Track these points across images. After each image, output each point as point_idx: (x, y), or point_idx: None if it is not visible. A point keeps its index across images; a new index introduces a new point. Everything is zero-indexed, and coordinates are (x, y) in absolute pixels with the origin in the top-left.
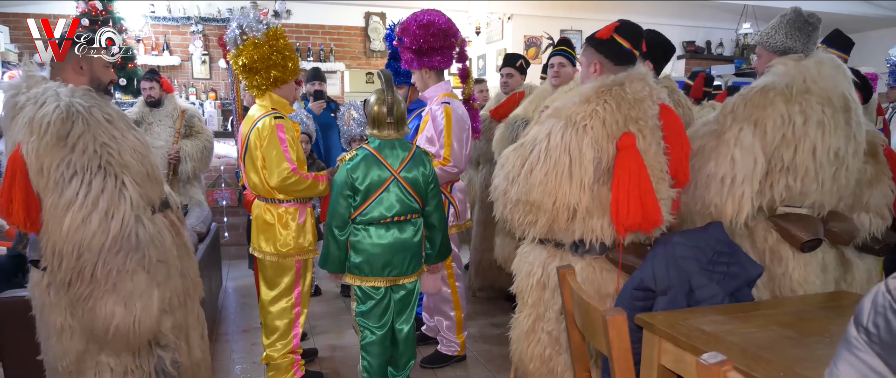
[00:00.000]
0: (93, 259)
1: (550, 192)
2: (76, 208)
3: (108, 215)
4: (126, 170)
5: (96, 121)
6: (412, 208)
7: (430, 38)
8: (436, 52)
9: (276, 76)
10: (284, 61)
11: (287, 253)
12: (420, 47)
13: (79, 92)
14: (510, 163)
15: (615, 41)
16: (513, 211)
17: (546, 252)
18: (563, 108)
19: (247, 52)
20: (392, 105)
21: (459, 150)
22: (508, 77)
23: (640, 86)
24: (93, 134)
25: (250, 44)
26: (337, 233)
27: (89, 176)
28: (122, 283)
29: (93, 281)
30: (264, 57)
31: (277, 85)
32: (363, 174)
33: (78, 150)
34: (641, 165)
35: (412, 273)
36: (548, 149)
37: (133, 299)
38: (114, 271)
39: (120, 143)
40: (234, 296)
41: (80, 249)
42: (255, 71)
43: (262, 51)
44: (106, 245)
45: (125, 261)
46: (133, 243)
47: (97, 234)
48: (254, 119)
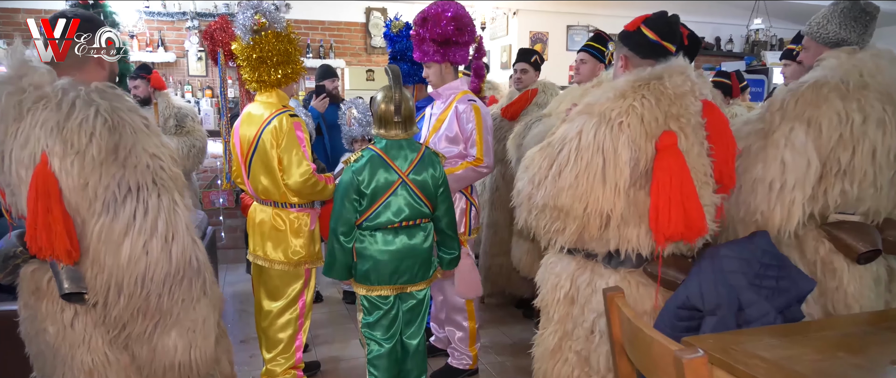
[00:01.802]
0: (157, 290)
1: (581, 197)
2: (135, 234)
3: (169, 239)
4: (175, 184)
5: (140, 128)
6: (421, 213)
7: (458, 31)
8: (459, 47)
9: (287, 73)
10: (296, 56)
11: (300, 261)
12: (448, 39)
13: (107, 92)
14: (536, 164)
15: (642, 33)
16: (538, 217)
17: (575, 263)
18: (595, 104)
19: (268, 43)
20: (400, 103)
21: (490, 147)
22: (522, 73)
23: (680, 79)
24: (142, 145)
25: (272, 35)
26: (342, 239)
27: (145, 195)
28: (187, 313)
29: (158, 314)
30: (283, 51)
31: (286, 82)
32: (369, 177)
33: (130, 164)
34: (684, 167)
35: (422, 281)
36: (578, 149)
37: (195, 329)
38: (179, 301)
39: (164, 152)
40: (231, 302)
41: (144, 281)
42: (268, 65)
43: (282, 44)
44: (170, 273)
45: (191, 288)
46: (195, 268)
47: (161, 262)
48: (263, 118)
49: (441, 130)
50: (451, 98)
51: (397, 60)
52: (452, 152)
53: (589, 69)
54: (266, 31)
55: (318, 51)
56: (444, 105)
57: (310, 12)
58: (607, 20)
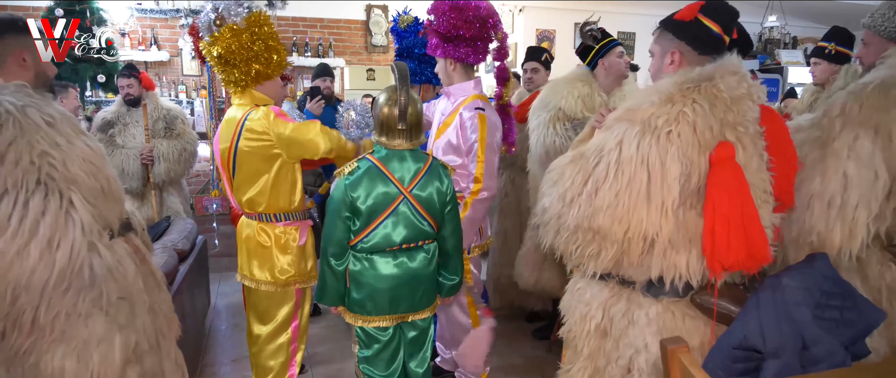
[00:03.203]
0: (34, 301)
1: (622, 219)
2: (9, 237)
3: (53, 244)
4: (74, 185)
5: (32, 124)
6: (424, 234)
7: (463, 23)
8: (465, 43)
9: (258, 70)
10: (268, 53)
11: (287, 280)
12: (448, 32)
13: (8, 88)
14: (567, 178)
15: (701, 23)
16: (569, 240)
17: (607, 290)
18: (636, 109)
19: (223, 40)
20: (406, 107)
21: (492, 166)
22: (533, 73)
23: (735, 80)
24: (28, 141)
25: (228, 30)
26: (333, 262)
27: (25, 195)
28: (74, 329)
29: (35, 329)
30: (244, 47)
31: (259, 81)
32: (365, 192)
33: (8, 161)
34: (743, 184)
35: (425, 308)
36: (619, 162)
37: (89, 349)
38: (62, 315)
39: (65, 151)
40: (224, 315)
41: (17, 290)
42: (233, 64)
43: (241, 39)
44: (50, 282)
45: (76, 301)
46: (86, 279)
47: (38, 269)
48: (237, 120)
49: (444, 137)
50: (458, 101)
51: (404, 58)
52: (453, 164)
53: None
54: (222, 27)
55: (316, 49)
56: (452, 108)
57: (308, 10)
58: (616, 17)
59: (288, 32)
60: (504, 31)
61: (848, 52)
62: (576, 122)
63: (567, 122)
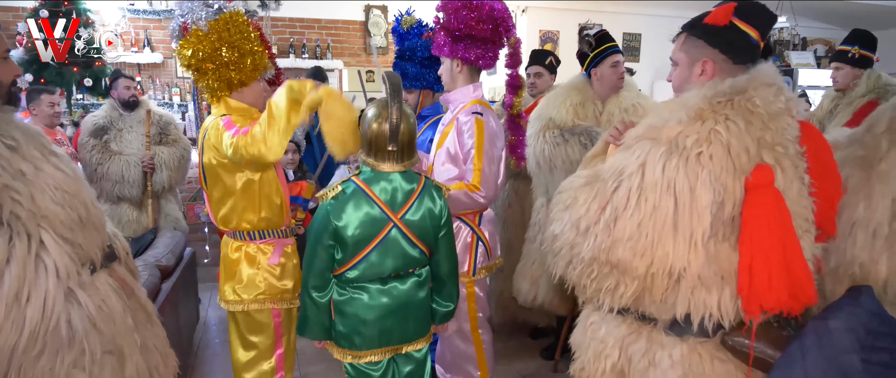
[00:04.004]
0: (1, 369)
1: (644, 252)
2: None
3: (21, 298)
4: (45, 221)
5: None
6: (416, 261)
7: (475, 23)
8: (477, 44)
9: (229, 78)
10: (240, 58)
11: (256, 298)
12: (459, 31)
13: None
14: (582, 204)
15: (737, 28)
16: (584, 273)
17: (625, 327)
18: (662, 127)
19: (188, 46)
20: (397, 125)
21: (491, 175)
22: (536, 77)
23: (772, 94)
24: None
25: (193, 36)
26: (315, 295)
27: None
28: None
29: None
30: (211, 53)
31: (233, 88)
32: (351, 219)
33: None
34: (785, 213)
35: (420, 338)
36: (642, 187)
37: None
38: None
39: (32, 181)
40: (214, 330)
41: None
42: (203, 71)
43: (207, 45)
44: (20, 345)
45: (53, 365)
46: (63, 336)
47: (5, 330)
48: (204, 130)
49: (444, 145)
50: (458, 107)
51: (405, 60)
52: (451, 174)
53: None
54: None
55: (314, 51)
56: (452, 115)
57: (305, 10)
58: (622, 17)
59: (285, 33)
60: (517, 36)
61: (871, 56)
62: (565, 130)
63: (556, 130)
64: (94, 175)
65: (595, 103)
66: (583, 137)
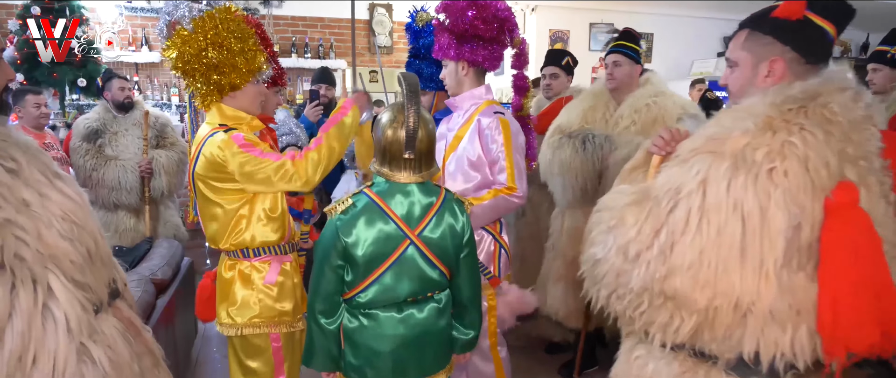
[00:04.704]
0: None
1: (706, 283)
2: None
3: (25, 362)
4: (53, 261)
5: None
6: (435, 284)
7: (481, 23)
8: (483, 45)
9: (219, 81)
10: (230, 58)
11: (250, 321)
12: (464, 31)
13: None
14: (630, 227)
15: (812, 23)
16: (632, 304)
17: (678, 364)
18: (725, 139)
19: (173, 47)
20: (415, 131)
21: (522, 171)
22: (552, 79)
23: (848, 99)
24: None
25: (178, 38)
26: (323, 320)
27: None
28: None
29: None
30: (196, 55)
31: (225, 92)
32: (363, 236)
33: None
34: (874, 239)
35: (440, 370)
36: (703, 209)
37: None
38: None
39: (38, 212)
40: (214, 344)
41: None
42: (192, 75)
43: (192, 46)
44: None
45: None
46: None
47: None
48: (199, 141)
49: (460, 151)
50: (471, 109)
51: (420, 59)
52: (473, 181)
53: (626, 73)
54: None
55: (316, 51)
56: (464, 118)
57: (308, 9)
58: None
59: (287, 32)
60: (522, 36)
61: None
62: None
63: (559, 135)
64: (87, 181)
65: (608, 106)
66: (577, 141)
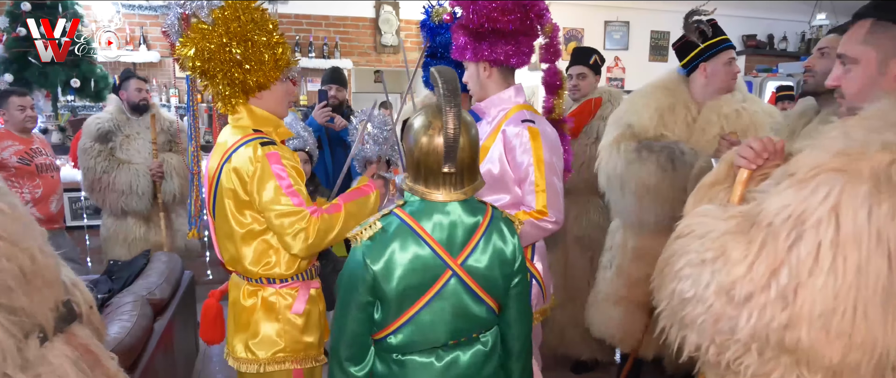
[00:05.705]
0: None
1: (841, 334)
2: None
3: None
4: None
5: None
6: (481, 323)
7: (499, 14)
8: (504, 39)
9: (242, 79)
10: (256, 53)
11: (274, 356)
12: (481, 27)
13: None
14: (737, 263)
15: None
16: (739, 353)
17: None
18: (856, 154)
19: (190, 44)
20: (455, 138)
21: (558, 194)
22: (580, 78)
23: None
24: None
25: (197, 33)
26: (352, 369)
27: None
28: None
29: None
30: (218, 50)
31: (251, 93)
32: (394, 266)
33: None
34: None
35: None
36: (837, 243)
37: None
38: None
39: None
40: (216, 363)
41: None
42: (212, 74)
43: (213, 41)
44: None
45: None
46: None
47: None
48: (226, 147)
49: (485, 166)
50: (499, 116)
51: (438, 59)
52: (500, 202)
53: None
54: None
55: (321, 50)
56: (492, 127)
57: (313, 7)
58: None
59: (291, 31)
60: (553, 21)
61: None
62: (644, 143)
63: (633, 141)
64: (97, 184)
65: (688, 108)
66: (663, 157)
